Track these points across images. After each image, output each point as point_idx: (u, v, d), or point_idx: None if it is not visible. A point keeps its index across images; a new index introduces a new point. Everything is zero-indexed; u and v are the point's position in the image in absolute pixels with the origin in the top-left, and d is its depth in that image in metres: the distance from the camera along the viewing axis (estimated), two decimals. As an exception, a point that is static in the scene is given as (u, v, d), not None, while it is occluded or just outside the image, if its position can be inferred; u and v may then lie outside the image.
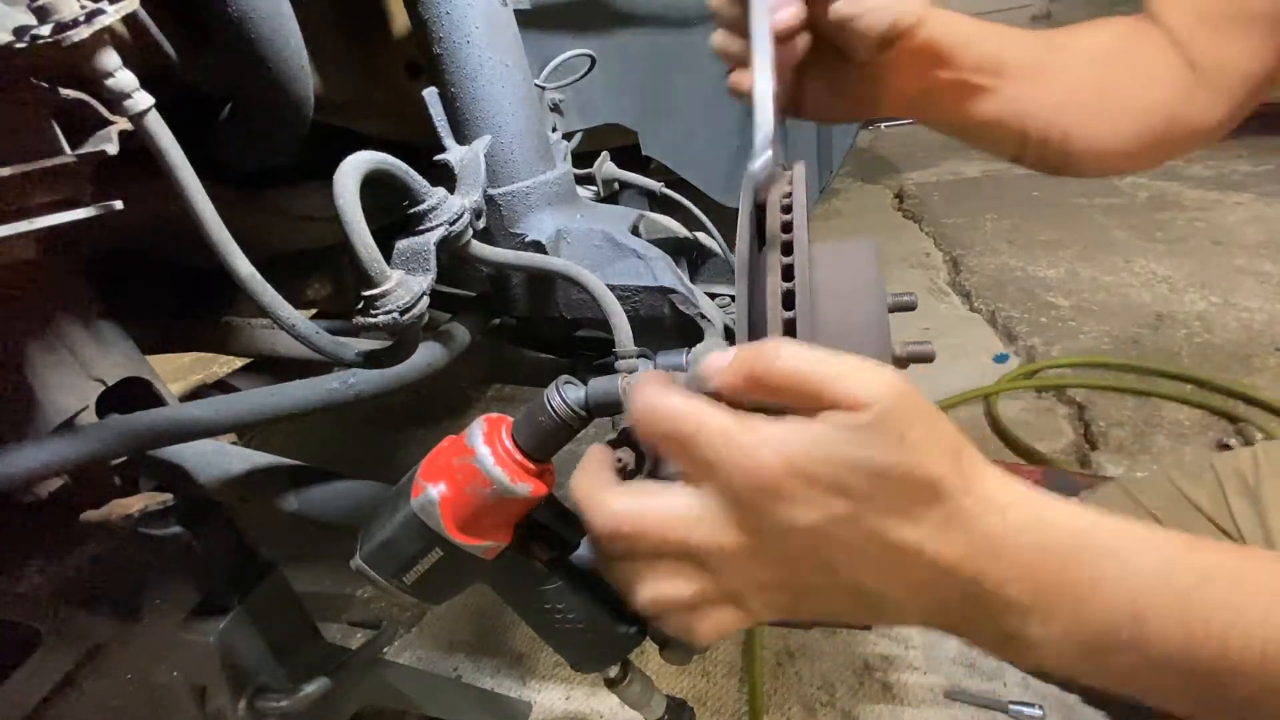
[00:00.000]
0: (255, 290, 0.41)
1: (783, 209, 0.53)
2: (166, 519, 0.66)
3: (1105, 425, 1.39)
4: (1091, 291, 1.91)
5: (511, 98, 0.60)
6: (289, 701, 0.69)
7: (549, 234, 0.62)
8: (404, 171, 0.44)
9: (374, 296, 0.42)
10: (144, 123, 0.36)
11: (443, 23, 0.57)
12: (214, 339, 0.82)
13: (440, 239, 0.46)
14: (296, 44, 0.54)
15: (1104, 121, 0.57)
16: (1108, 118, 0.56)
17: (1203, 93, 0.55)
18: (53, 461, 0.54)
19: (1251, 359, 1.54)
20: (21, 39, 0.33)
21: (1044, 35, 0.58)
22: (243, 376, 0.88)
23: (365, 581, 0.47)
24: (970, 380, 1.60)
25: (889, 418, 0.31)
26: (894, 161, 3.36)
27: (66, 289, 0.63)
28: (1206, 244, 2.08)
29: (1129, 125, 0.57)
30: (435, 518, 0.44)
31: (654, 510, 0.34)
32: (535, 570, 0.51)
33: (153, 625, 0.73)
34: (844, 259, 0.55)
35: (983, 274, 2.09)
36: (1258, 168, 2.62)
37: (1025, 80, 0.55)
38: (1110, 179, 2.71)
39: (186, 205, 0.38)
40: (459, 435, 0.46)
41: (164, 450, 0.64)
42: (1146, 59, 0.56)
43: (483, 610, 1.21)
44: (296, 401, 0.61)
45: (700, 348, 0.52)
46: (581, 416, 0.44)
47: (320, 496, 0.65)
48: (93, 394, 0.61)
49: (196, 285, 0.83)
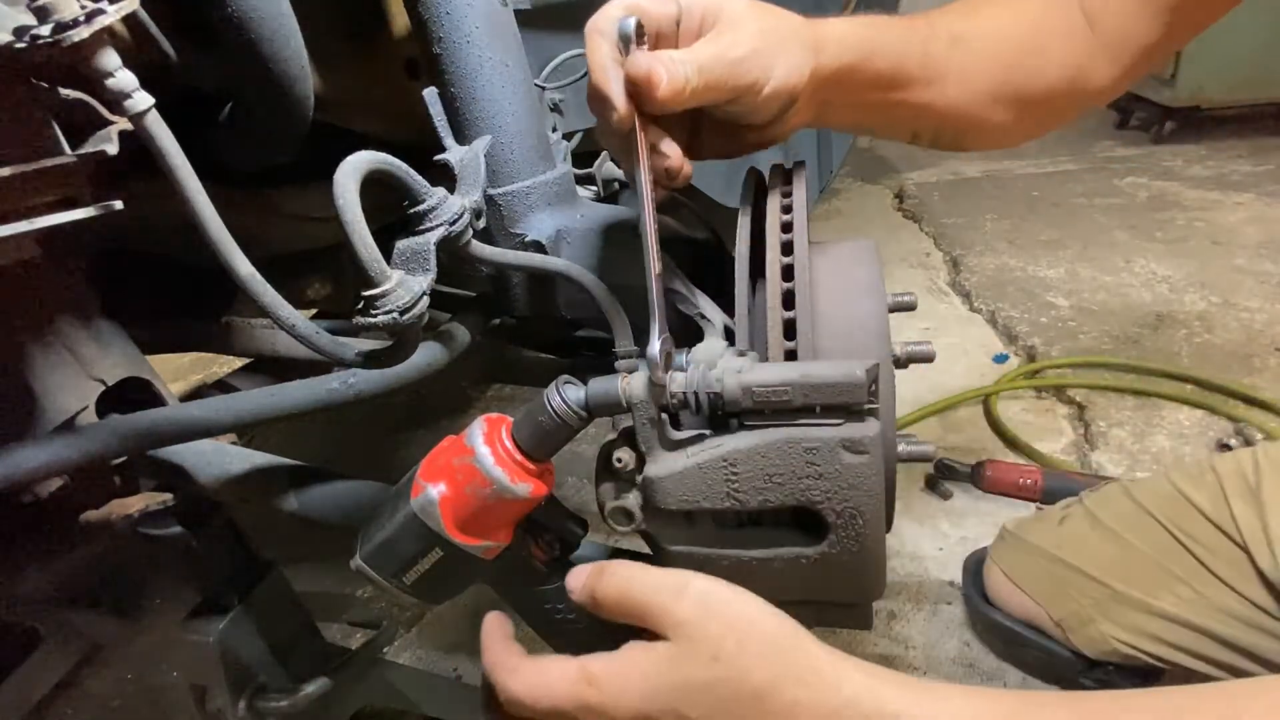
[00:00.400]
0: (255, 290, 0.41)
1: (783, 209, 0.53)
2: (166, 519, 0.66)
3: (1105, 425, 1.39)
4: (1091, 291, 1.91)
5: (511, 98, 0.60)
6: (289, 701, 0.69)
7: (549, 234, 0.62)
8: (404, 171, 0.44)
9: (374, 296, 0.42)
10: (144, 123, 0.36)
11: (443, 22, 0.57)
12: (214, 339, 0.82)
13: (440, 239, 0.46)
14: (296, 44, 0.54)
15: (998, 111, 0.57)
16: (1002, 107, 0.57)
17: (1102, 60, 0.57)
18: (53, 461, 0.54)
19: (1251, 359, 1.54)
20: (21, 39, 0.33)
21: (944, 25, 0.55)
22: (243, 376, 0.88)
23: (365, 581, 0.47)
24: (970, 380, 1.60)
25: (698, 639, 0.36)
26: (894, 161, 3.35)
27: (66, 289, 0.63)
28: (1206, 244, 2.08)
29: (1022, 109, 0.57)
30: (435, 518, 0.44)
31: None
32: (535, 570, 0.51)
33: (153, 625, 0.73)
34: (844, 259, 0.55)
35: (983, 274, 2.09)
36: (1258, 168, 2.62)
37: (923, 87, 0.54)
38: (1110, 179, 2.71)
39: (186, 205, 0.38)
40: (459, 435, 0.46)
41: (164, 450, 0.64)
42: (1054, 35, 0.56)
43: (483, 610, 1.20)
44: (296, 401, 0.61)
45: (700, 348, 0.52)
46: (581, 416, 0.45)
47: (320, 496, 0.65)
48: (93, 394, 0.61)
49: (196, 285, 0.83)
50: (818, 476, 0.42)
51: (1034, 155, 3.17)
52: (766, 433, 0.42)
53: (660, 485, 0.44)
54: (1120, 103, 3.30)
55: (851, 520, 0.43)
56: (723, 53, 0.43)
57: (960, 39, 0.55)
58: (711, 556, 0.47)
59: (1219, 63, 2.71)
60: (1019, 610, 0.90)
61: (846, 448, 0.41)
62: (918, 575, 1.12)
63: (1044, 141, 3.35)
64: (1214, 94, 2.80)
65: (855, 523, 0.43)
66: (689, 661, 0.36)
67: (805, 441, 0.42)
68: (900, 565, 1.14)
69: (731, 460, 0.43)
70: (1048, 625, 0.86)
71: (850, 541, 0.44)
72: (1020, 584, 0.89)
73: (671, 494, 0.44)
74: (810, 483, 0.42)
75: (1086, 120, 3.60)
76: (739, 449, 0.43)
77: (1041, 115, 0.59)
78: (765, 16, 0.46)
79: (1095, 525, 0.85)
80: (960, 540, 1.17)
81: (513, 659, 0.42)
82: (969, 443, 1.41)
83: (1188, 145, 2.93)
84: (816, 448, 0.42)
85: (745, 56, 0.44)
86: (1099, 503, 0.87)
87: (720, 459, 0.43)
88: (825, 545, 0.45)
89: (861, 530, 0.43)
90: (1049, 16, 0.57)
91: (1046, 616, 0.86)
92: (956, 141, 0.59)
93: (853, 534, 0.44)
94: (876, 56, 0.51)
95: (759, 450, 0.42)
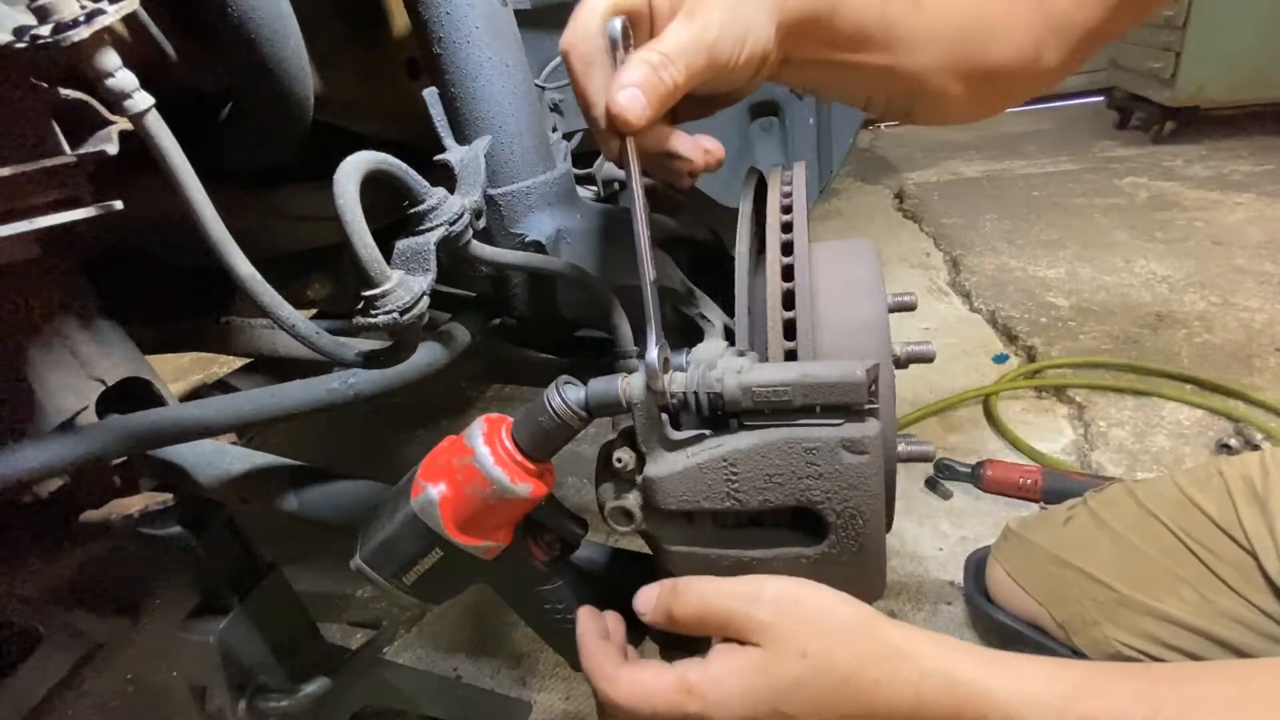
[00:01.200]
0: (255, 290, 0.41)
1: (783, 209, 0.53)
2: (166, 519, 0.66)
3: (1105, 425, 1.39)
4: (1091, 291, 1.91)
5: (511, 98, 0.60)
6: (289, 701, 0.69)
7: (549, 234, 0.62)
8: (404, 171, 0.44)
9: (374, 296, 0.42)
10: (144, 123, 0.36)
11: (443, 22, 0.57)
12: (214, 339, 0.82)
13: (440, 239, 0.46)
14: (296, 44, 0.54)
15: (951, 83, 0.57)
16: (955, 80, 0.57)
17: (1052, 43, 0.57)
18: (53, 461, 0.54)
19: (1251, 359, 1.54)
20: (21, 39, 0.33)
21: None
22: (243, 376, 0.88)
23: (365, 581, 0.47)
24: (970, 380, 1.60)
25: (785, 639, 0.37)
26: (894, 161, 3.36)
27: (66, 289, 0.63)
28: (1206, 244, 2.08)
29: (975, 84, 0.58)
30: (435, 518, 0.44)
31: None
32: (535, 570, 0.51)
33: (153, 625, 0.73)
34: (843, 259, 0.55)
35: (983, 274, 2.09)
36: (1258, 168, 2.62)
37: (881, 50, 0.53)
38: (1110, 179, 2.71)
39: (186, 205, 0.38)
40: (459, 435, 0.46)
41: (164, 450, 0.64)
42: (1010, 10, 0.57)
43: (483, 610, 1.21)
44: (296, 401, 0.61)
45: (700, 348, 0.52)
46: (581, 416, 0.44)
47: (320, 496, 0.65)
48: (93, 394, 0.61)
49: (196, 285, 0.83)
50: (818, 476, 0.42)
51: (1034, 155, 3.18)
52: (766, 433, 0.42)
53: (660, 485, 0.44)
54: (1120, 103, 3.30)
55: (851, 520, 0.43)
56: (699, 36, 0.43)
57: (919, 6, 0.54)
58: (711, 556, 0.47)
59: (1219, 63, 2.71)
60: (1021, 610, 0.89)
61: (846, 448, 0.41)
62: (918, 575, 1.12)
63: (1044, 141, 3.35)
64: (1214, 94, 2.80)
65: (855, 523, 0.43)
66: (781, 661, 0.38)
67: (805, 441, 0.42)
68: (900, 565, 1.14)
69: (731, 460, 0.43)
70: (1050, 626, 0.86)
71: (850, 541, 0.44)
72: (1023, 584, 0.89)
73: (671, 494, 0.44)
74: (810, 483, 0.42)
75: (1086, 120, 3.60)
76: (739, 449, 0.43)
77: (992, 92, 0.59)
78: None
79: (1100, 527, 0.85)
80: (960, 540, 1.17)
81: (609, 666, 0.43)
82: (969, 443, 1.41)
83: (1188, 145, 2.93)
84: (816, 448, 0.42)
85: (720, 36, 0.43)
86: (1103, 504, 0.87)
87: (720, 459, 0.43)
88: (825, 545, 0.45)
89: (861, 530, 0.43)
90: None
91: (1049, 617, 0.85)
92: (908, 111, 0.59)
93: (853, 534, 0.44)
94: (836, 15, 0.50)
95: (759, 450, 0.42)
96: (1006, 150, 3.29)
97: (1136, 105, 3.18)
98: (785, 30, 0.48)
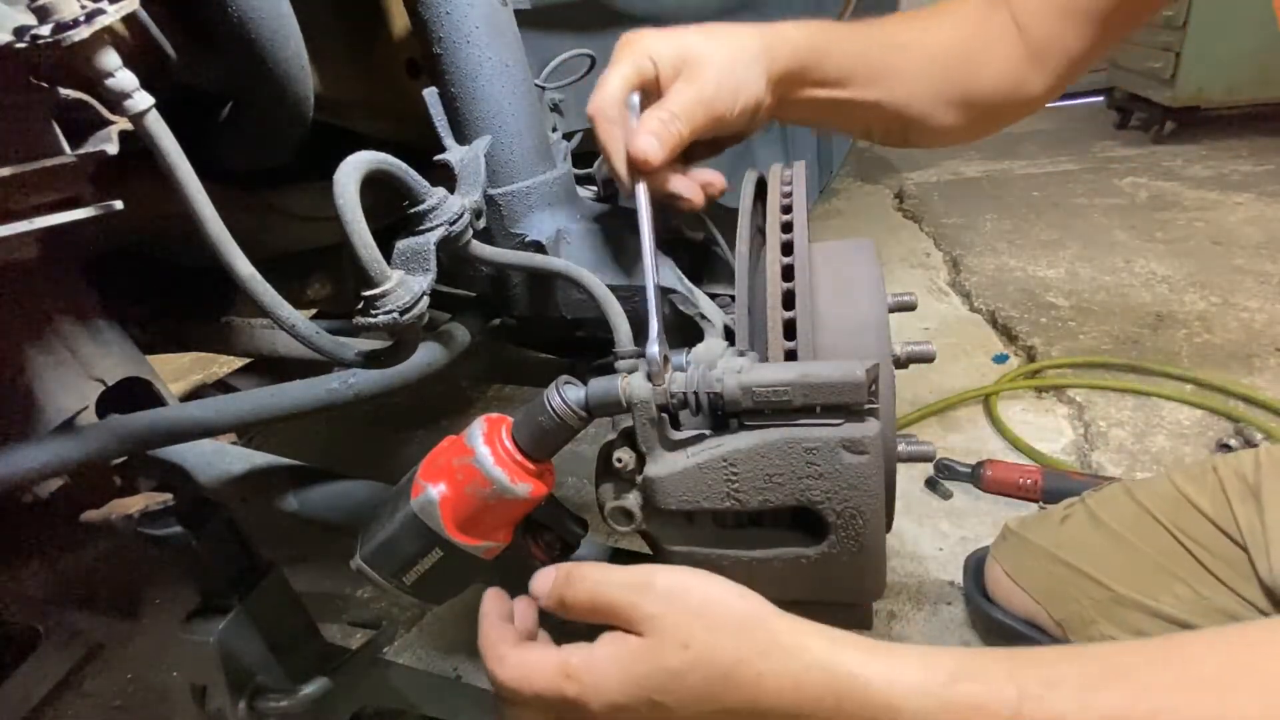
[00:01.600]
0: (255, 290, 0.41)
1: (783, 209, 0.53)
2: (166, 519, 0.66)
3: (1105, 425, 1.39)
4: (1091, 291, 1.91)
5: (511, 98, 0.60)
6: (289, 701, 0.69)
7: (549, 234, 0.62)
8: (404, 171, 0.44)
9: (374, 296, 0.42)
10: (144, 123, 0.36)
11: (443, 22, 0.57)
12: (214, 339, 0.82)
13: (440, 239, 0.46)
14: (296, 44, 0.54)
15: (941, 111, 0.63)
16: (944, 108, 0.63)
17: (1035, 69, 0.63)
18: (53, 461, 0.54)
19: (1251, 359, 1.54)
20: (21, 39, 0.33)
21: (889, 33, 0.63)
22: (243, 376, 0.88)
23: (365, 581, 0.47)
24: (970, 380, 1.59)
25: (669, 629, 0.38)
26: (894, 161, 3.35)
27: (66, 289, 0.63)
28: (1206, 244, 2.08)
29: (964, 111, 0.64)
30: (435, 518, 0.44)
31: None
32: (535, 570, 0.51)
33: (153, 625, 0.73)
34: (843, 258, 0.55)
35: (983, 274, 2.09)
36: (1258, 168, 2.61)
37: (869, 86, 0.61)
38: (1110, 179, 2.71)
39: (186, 205, 0.38)
40: (459, 435, 0.46)
41: (164, 450, 0.64)
42: (989, 44, 0.63)
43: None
44: (296, 401, 0.61)
45: (700, 348, 0.52)
46: (581, 416, 0.44)
47: (320, 496, 0.65)
48: (93, 394, 0.61)
49: (196, 285, 0.83)
50: (818, 476, 0.42)
51: (1034, 155, 3.17)
52: (766, 433, 0.42)
53: (660, 485, 0.44)
54: (1120, 103, 3.30)
55: (851, 520, 0.43)
56: (698, 94, 0.52)
57: (902, 46, 0.62)
58: (711, 557, 0.47)
59: (1219, 63, 2.71)
60: (1020, 609, 0.89)
61: (846, 448, 0.41)
62: (918, 575, 1.12)
63: (1044, 141, 3.35)
64: (1214, 94, 2.80)
65: (855, 523, 0.43)
66: (661, 651, 0.38)
67: (805, 441, 0.42)
68: (900, 565, 1.14)
69: (731, 460, 0.43)
70: (1048, 625, 0.86)
71: (850, 541, 0.44)
72: (1021, 583, 0.89)
73: (671, 494, 0.44)
74: (810, 483, 0.42)
75: (1087, 120, 3.60)
76: (739, 449, 0.43)
77: (981, 116, 0.65)
78: (723, 46, 0.53)
79: (1096, 525, 0.85)
80: (960, 540, 1.17)
81: (502, 646, 0.43)
82: (969, 443, 1.41)
83: (1188, 145, 2.93)
84: (816, 448, 0.42)
85: (715, 92, 0.52)
86: (1100, 503, 0.87)
87: (720, 459, 0.43)
88: (825, 545, 0.45)
89: (861, 530, 0.43)
90: (985, 27, 0.63)
91: (1047, 616, 0.86)
92: (904, 138, 0.66)
93: (853, 534, 0.44)
94: (824, 60, 0.58)
95: (759, 450, 0.42)
96: (1006, 150, 3.28)
97: (1136, 105, 3.18)
98: (776, 80, 0.56)
